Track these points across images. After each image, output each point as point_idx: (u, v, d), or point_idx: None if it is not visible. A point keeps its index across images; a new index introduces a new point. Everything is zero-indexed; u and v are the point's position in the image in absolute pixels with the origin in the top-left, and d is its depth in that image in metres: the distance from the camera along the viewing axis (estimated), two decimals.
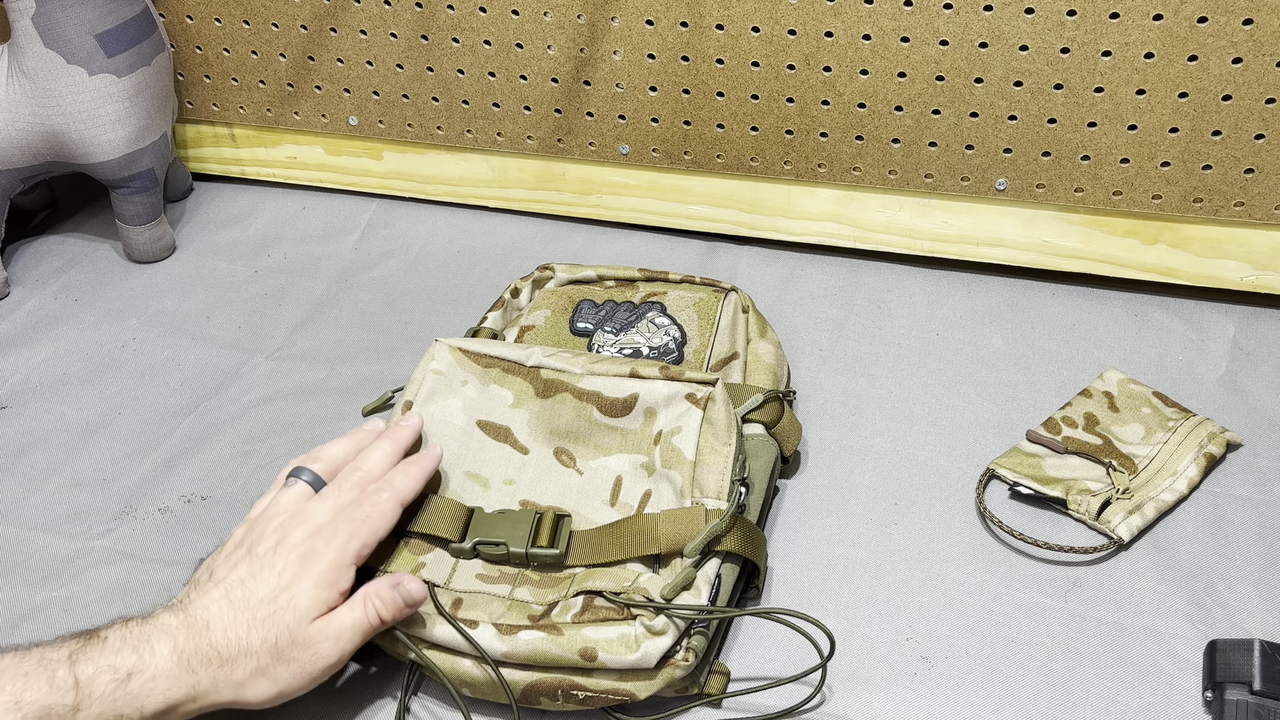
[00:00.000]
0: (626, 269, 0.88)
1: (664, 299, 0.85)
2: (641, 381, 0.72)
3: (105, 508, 0.81)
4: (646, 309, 0.84)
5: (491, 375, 0.76)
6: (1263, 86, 0.81)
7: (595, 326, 0.83)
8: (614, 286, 0.87)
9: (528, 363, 0.75)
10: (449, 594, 0.66)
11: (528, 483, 0.73)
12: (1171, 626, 0.68)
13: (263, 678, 0.59)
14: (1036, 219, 0.92)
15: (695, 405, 0.71)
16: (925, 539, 0.74)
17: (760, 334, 0.82)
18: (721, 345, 0.81)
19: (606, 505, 0.71)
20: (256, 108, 1.09)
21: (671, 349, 0.81)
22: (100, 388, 0.91)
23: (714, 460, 0.69)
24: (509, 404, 0.75)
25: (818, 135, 0.93)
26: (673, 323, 0.83)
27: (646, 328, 0.83)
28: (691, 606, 0.63)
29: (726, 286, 0.85)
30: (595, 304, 0.85)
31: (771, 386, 0.79)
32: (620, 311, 0.84)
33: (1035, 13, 0.82)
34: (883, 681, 0.66)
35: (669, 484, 0.69)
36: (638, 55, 0.94)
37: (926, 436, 0.82)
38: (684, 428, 0.70)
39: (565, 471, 0.73)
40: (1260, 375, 0.85)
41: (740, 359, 0.80)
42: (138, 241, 1.04)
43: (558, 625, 0.63)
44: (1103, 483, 0.75)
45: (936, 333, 0.91)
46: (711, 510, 0.67)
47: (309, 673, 0.60)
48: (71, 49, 0.94)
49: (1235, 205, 0.87)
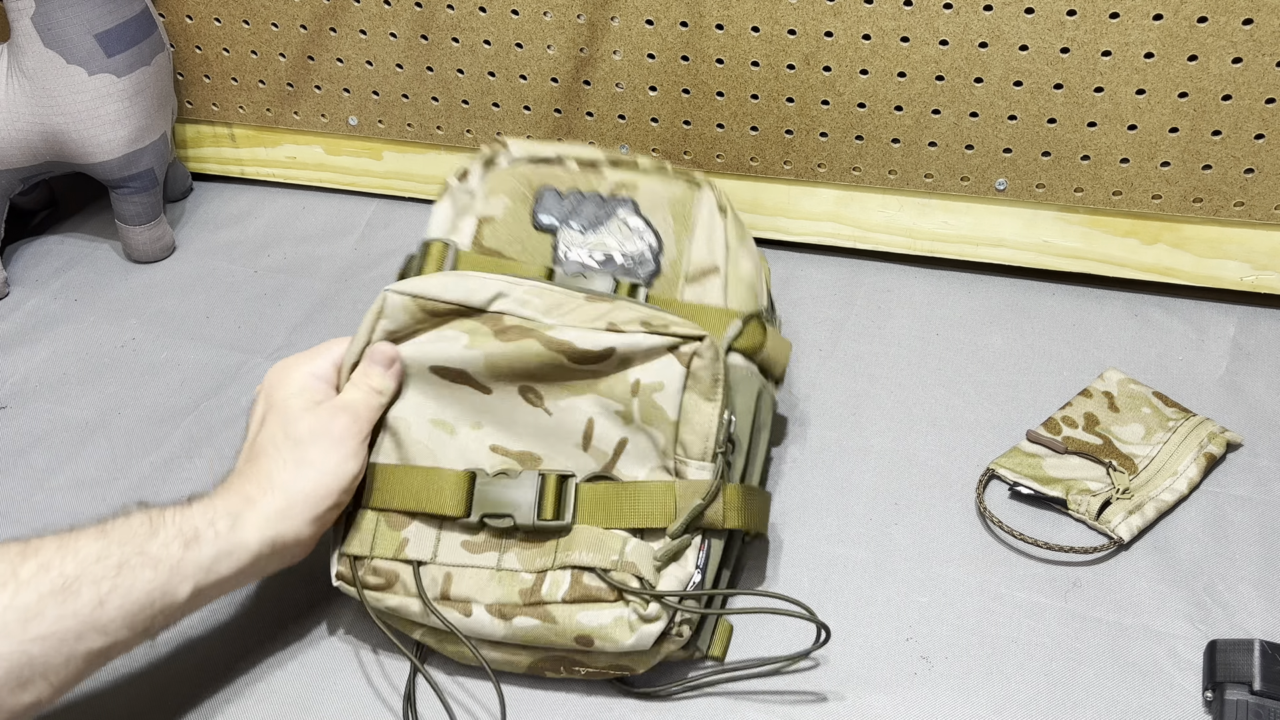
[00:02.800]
0: (592, 150, 0.78)
1: (636, 194, 0.76)
2: (619, 335, 0.66)
3: (105, 508, 0.80)
4: (617, 205, 0.75)
5: (448, 322, 0.69)
6: (1263, 86, 0.81)
7: (560, 221, 0.75)
8: (578, 171, 0.77)
9: (490, 308, 0.68)
10: (438, 569, 0.66)
11: (495, 425, 0.68)
12: (1171, 627, 0.68)
13: (302, 466, 0.63)
14: (1036, 219, 0.92)
15: (679, 361, 0.66)
16: (925, 539, 0.74)
17: (739, 240, 0.76)
18: (699, 253, 0.75)
19: (579, 450, 0.67)
20: (256, 107, 1.09)
21: (648, 258, 0.74)
22: (100, 388, 0.91)
23: (698, 420, 0.66)
24: (463, 345, 0.68)
25: (817, 135, 0.93)
26: (647, 226, 0.75)
27: (619, 229, 0.75)
28: (680, 594, 0.63)
29: (700, 179, 0.77)
30: (559, 194, 0.76)
31: (751, 305, 0.74)
32: (588, 205, 0.75)
33: (1035, 12, 0.82)
34: (883, 681, 0.66)
35: (648, 439, 0.67)
36: (638, 55, 0.94)
37: (926, 436, 0.82)
38: (666, 384, 0.66)
39: (533, 410, 0.68)
40: (1260, 375, 0.85)
41: (720, 274, 0.74)
42: (137, 241, 1.04)
43: (550, 610, 0.63)
44: (1103, 483, 0.75)
45: (936, 333, 0.91)
46: (694, 483, 0.65)
47: (336, 440, 0.64)
48: (71, 49, 0.94)
49: (1235, 205, 0.87)
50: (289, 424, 0.64)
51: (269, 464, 0.63)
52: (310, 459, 0.63)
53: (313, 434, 0.64)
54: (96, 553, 0.57)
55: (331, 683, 0.68)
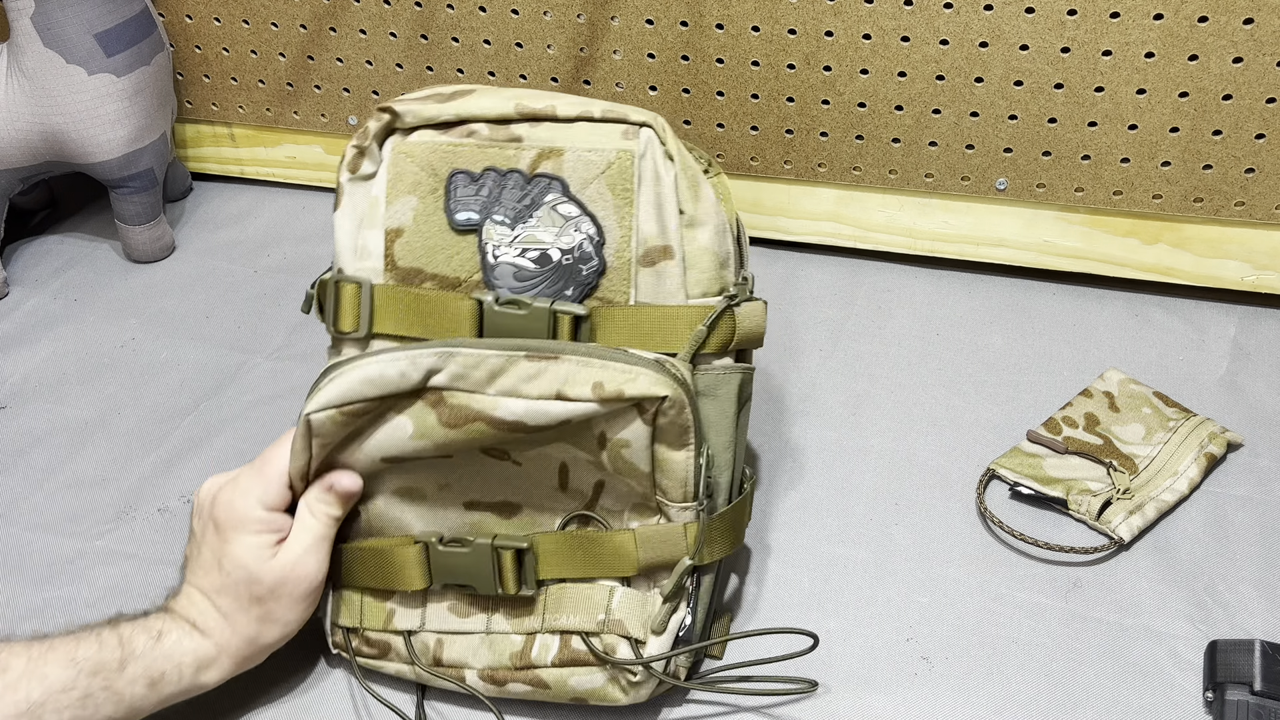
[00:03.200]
0: (497, 99, 0.65)
1: (561, 167, 0.63)
2: (571, 405, 0.60)
3: (105, 508, 0.80)
4: (543, 187, 0.64)
5: (388, 410, 0.62)
6: (1263, 86, 0.81)
7: (481, 214, 0.64)
8: (489, 139, 0.64)
9: (427, 385, 0.60)
10: (429, 636, 0.66)
11: (464, 483, 0.65)
12: (1172, 627, 0.68)
13: (267, 622, 0.63)
14: (1037, 219, 0.92)
15: (643, 421, 0.60)
16: (925, 539, 0.74)
17: (693, 193, 0.64)
18: (648, 227, 0.63)
19: (557, 490, 0.64)
20: (256, 107, 1.08)
21: (589, 253, 0.64)
22: (100, 388, 0.91)
23: (672, 468, 0.62)
24: (409, 435, 0.61)
25: (818, 135, 0.93)
26: (582, 212, 0.63)
27: (549, 217, 0.64)
28: (669, 654, 0.63)
29: (637, 121, 0.64)
30: (472, 175, 0.64)
31: (716, 280, 0.65)
32: (508, 188, 0.64)
33: (1035, 12, 0.82)
34: (883, 682, 0.66)
35: (626, 485, 0.64)
36: (638, 55, 0.93)
37: (927, 436, 0.82)
38: (633, 442, 0.61)
39: (500, 464, 0.64)
40: (1260, 375, 0.85)
41: (676, 257, 0.64)
42: (137, 241, 1.03)
43: (541, 675, 0.64)
44: (1103, 483, 0.75)
45: (936, 333, 0.91)
46: (668, 529, 0.63)
47: (299, 596, 0.63)
48: (71, 48, 0.94)
49: (1236, 205, 0.87)
50: (252, 581, 0.62)
51: (234, 615, 0.62)
52: (276, 615, 0.63)
53: (275, 592, 0.62)
54: (64, 682, 0.58)
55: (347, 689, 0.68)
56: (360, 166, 0.65)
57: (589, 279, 0.64)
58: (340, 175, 0.66)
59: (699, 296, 0.64)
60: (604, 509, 0.65)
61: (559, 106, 0.64)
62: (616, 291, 0.64)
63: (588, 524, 0.65)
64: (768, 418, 0.84)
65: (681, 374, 0.61)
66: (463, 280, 0.64)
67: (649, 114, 0.64)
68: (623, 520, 0.64)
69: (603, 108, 0.64)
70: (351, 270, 0.65)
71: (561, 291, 0.64)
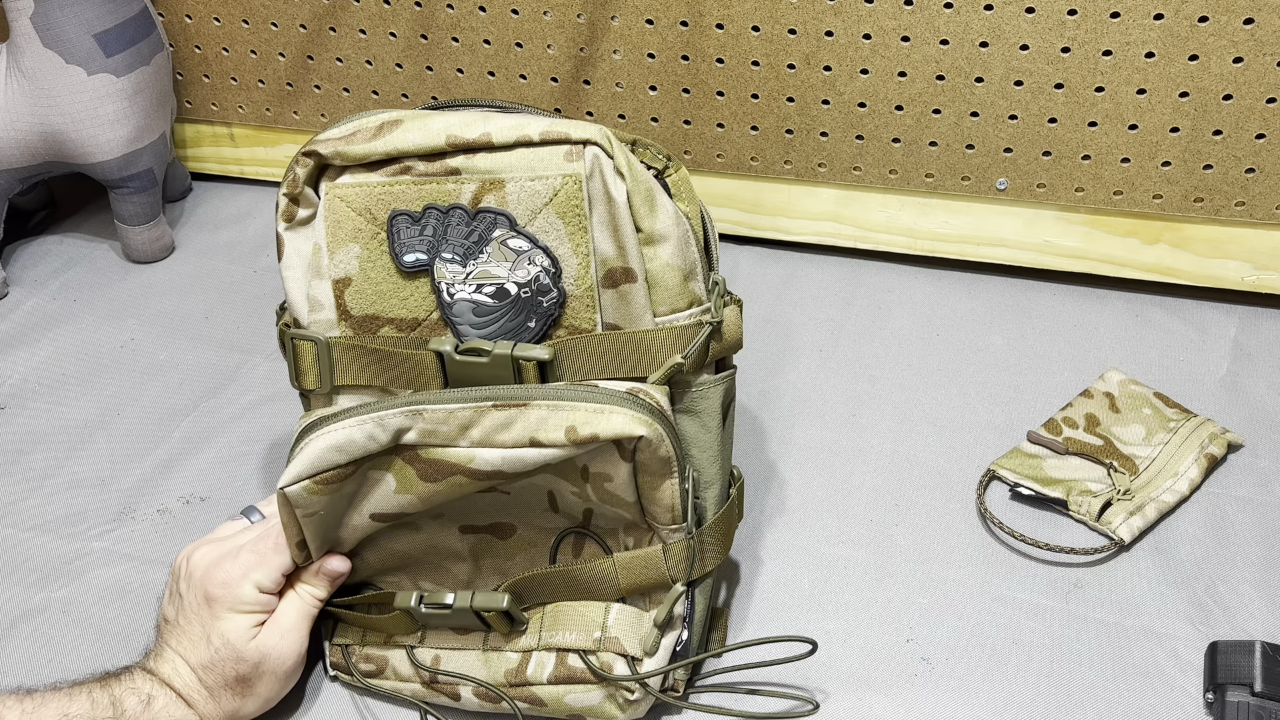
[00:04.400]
0: (427, 131, 0.61)
1: (505, 200, 0.60)
2: (546, 451, 0.59)
3: (104, 508, 0.80)
4: (489, 222, 0.61)
5: (362, 469, 0.61)
6: (1263, 86, 0.81)
7: (430, 254, 0.61)
8: (423, 174, 0.62)
9: (401, 442, 0.60)
10: (426, 652, 0.66)
11: (456, 512, 0.65)
12: (1172, 628, 0.68)
13: (248, 697, 0.64)
14: (1037, 219, 0.92)
15: (623, 458, 0.59)
16: (926, 540, 0.74)
17: (650, 211, 0.60)
18: (604, 246, 0.61)
19: (549, 511, 0.64)
20: (255, 107, 1.08)
21: (546, 285, 0.61)
22: (99, 388, 0.91)
23: (658, 495, 0.61)
24: (393, 489, 0.61)
25: (818, 135, 0.93)
26: (533, 245, 0.61)
27: (500, 253, 0.61)
28: (665, 669, 0.63)
29: (579, 139, 0.60)
30: (412, 216, 0.61)
31: (684, 295, 0.62)
32: (453, 225, 0.61)
33: (1036, 12, 0.82)
34: (883, 683, 0.66)
35: (614, 512, 0.63)
36: (638, 55, 0.93)
37: (927, 437, 0.82)
38: (615, 477, 0.60)
39: (490, 495, 0.63)
40: (1261, 375, 0.84)
41: (638, 276, 0.61)
42: (137, 241, 1.03)
43: (536, 693, 0.64)
44: (1104, 484, 0.75)
45: (936, 333, 0.91)
46: (672, 547, 0.62)
47: (281, 674, 0.64)
48: (70, 48, 0.94)
49: (1236, 205, 0.86)
50: (237, 659, 0.62)
51: (218, 691, 0.63)
52: (257, 691, 0.64)
53: (258, 669, 0.63)
54: None
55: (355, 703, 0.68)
56: (295, 214, 0.64)
57: (550, 310, 0.61)
58: (277, 225, 0.65)
59: (667, 314, 0.62)
60: (598, 526, 0.65)
61: (494, 133, 0.60)
62: (581, 318, 0.61)
63: (583, 540, 0.65)
64: (767, 418, 0.84)
65: (657, 403, 0.59)
66: (421, 320, 0.63)
67: (592, 128, 0.60)
68: (618, 537, 0.65)
69: (541, 128, 0.60)
70: (306, 321, 0.64)
71: (524, 324, 0.62)
